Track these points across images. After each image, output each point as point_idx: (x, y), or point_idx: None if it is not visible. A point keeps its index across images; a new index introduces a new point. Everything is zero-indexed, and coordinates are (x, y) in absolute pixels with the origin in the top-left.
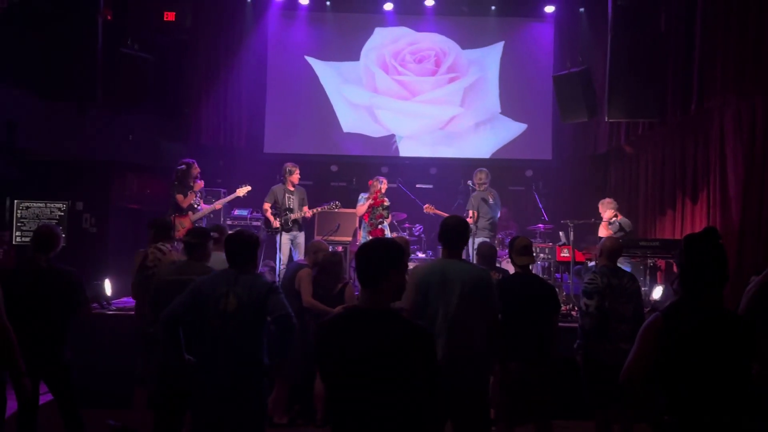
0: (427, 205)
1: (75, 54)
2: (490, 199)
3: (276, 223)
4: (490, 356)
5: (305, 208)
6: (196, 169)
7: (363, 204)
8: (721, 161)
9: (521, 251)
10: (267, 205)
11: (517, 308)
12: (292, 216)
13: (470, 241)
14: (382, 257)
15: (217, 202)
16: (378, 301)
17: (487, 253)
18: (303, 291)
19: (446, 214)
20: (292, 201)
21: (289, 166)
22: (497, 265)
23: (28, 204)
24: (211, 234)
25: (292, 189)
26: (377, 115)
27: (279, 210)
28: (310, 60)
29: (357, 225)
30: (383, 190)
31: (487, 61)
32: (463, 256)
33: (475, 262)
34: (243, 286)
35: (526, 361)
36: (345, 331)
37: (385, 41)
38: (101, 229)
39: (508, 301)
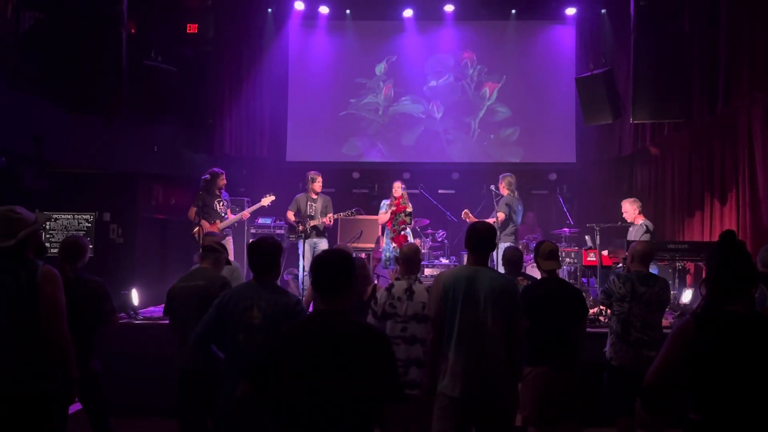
0: (465, 211)
1: (100, 67)
2: (519, 205)
3: (300, 228)
4: (514, 363)
5: (329, 215)
6: (222, 180)
7: (385, 212)
8: (750, 161)
9: (547, 256)
10: (290, 213)
11: (544, 314)
12: (312, 223)
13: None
14: (343, 270)
15: (243, 212)
16: (338, 305)
17: (514, 258)
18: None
19: (490, 220)
20: (313, 209)
21: (311, 174)
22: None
23: (56, 216)
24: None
25: (314, 197)
26: (398, 122)
27: (302, 217)
28: (331, 68)
29: (380, 232)
30: (397, 194)
31: (509, 65)
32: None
33: (501, 267)
34: (267, 300)
35: (554, 366)
36: (303, 330)
37: (407, 48)
38: (128, 240)
39: (534, 307)
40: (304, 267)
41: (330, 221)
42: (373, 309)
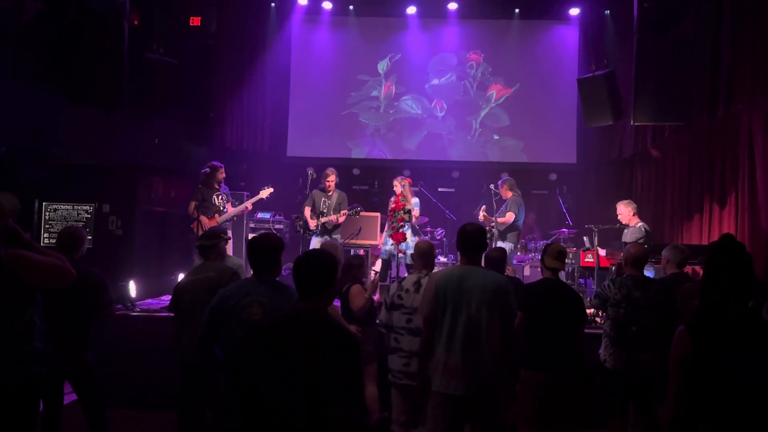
0: (483, 207)
1: (102, 59)
2: (523, 206)
3: (312, 225)
4: (508, 363)
5: (344, 211)
6: (221, 174)
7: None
8: (750, 165)
9: (555, 256)
10: (307, 210)
11: (545, 316)
12: (322, 220)
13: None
14: (323, 271)
15: (241, 206)
16: (316, 304)
17: (497, 258)
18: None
19: (500, 219)
20: (327, 205)
21: (325, 171)
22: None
23: (55, 206)
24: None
25: (329, 193)
26: (400, 119)
27: (315, 214)
28: (333, 63)
29: (378, 229)
30: (398, 191)
31: (511, 64)
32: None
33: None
34: (268, 297)
35: (553, 371)
36: (277, 326)
37: (410, 45)
38: (127, 232)
39: (535, 308)
40: None
41: (337, 219)
42: (385, 301)
